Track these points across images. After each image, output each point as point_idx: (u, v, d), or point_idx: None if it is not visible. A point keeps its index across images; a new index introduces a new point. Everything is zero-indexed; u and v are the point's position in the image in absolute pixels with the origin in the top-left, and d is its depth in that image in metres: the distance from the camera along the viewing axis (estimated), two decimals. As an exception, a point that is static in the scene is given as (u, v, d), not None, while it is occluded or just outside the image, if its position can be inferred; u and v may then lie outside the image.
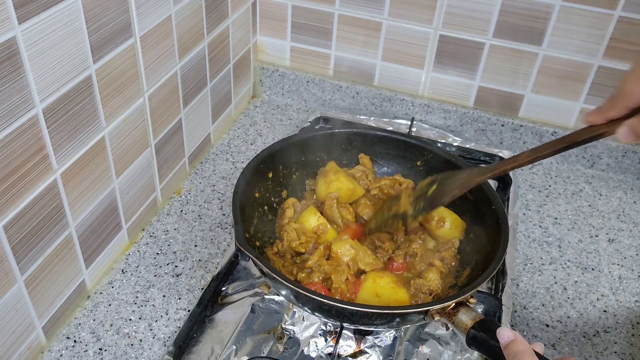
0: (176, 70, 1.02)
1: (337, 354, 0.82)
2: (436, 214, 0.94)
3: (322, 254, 0.86)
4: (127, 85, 0.88)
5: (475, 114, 1.28)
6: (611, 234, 1.09)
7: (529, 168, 1.25)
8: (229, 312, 0.88)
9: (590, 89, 1.19)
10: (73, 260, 0.85)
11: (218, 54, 1.16)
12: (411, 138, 1.03)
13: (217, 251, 1.00)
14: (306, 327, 0.85)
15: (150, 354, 0.83)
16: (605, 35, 1.12)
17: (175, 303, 0.91)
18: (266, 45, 1.36)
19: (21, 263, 0.74)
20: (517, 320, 0.92)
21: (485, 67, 1.23)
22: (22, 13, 0.65)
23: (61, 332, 0.85)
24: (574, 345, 0.89)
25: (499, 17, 1.16)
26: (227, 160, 1.21)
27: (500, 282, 0.95)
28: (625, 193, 1.20)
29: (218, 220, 1.06)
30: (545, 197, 1.17)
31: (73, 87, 0.76)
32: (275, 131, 1.31)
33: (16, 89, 0.67)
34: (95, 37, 0.78)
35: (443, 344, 0.84)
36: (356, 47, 1.30)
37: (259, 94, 1.42)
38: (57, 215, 0.79)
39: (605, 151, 1.23)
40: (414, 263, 0.89)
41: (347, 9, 1.25)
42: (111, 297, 0.91)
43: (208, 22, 1.08)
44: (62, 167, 0.78)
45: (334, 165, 1.01)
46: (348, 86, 1.34)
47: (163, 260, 0.97)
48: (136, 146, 0.95)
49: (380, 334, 0.84)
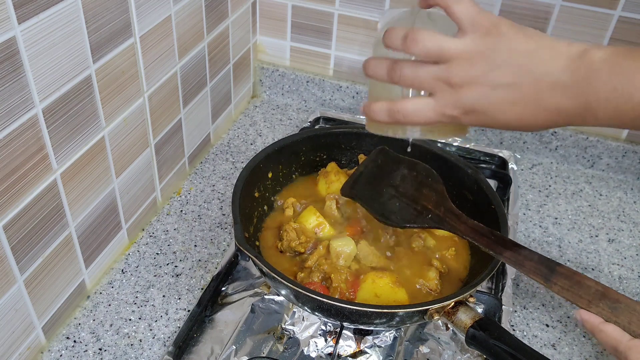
0: (176, 70, 1.02)
1: (337, 354, 0.82)
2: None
3: (321, 254, 0.86)
4: (127, 85, 0.88)
5: (475, 114, 1.27)
6: (611, 234, 1.09)
7: (529, 168, 1.25)
8: (228, 312, 0.88)
9: (590, 89, 1.19)
10: (73, 260, 0.85)
11: (218, 53, 1.16)
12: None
13: (217, 251, 1.00)
14: (306, 327, 0.85)
15: (150, 354, 0.83)
16: (605, 35, 1.12)
17: (175, 303, 0.91)
18: (266, 45, 1.37)
19: (21, 263, 0.74)
20: (517, 320, 0.92)
21: (485, 67, 1.22)
22: (22, 13, 0.65)
23: (61, 332, 0.85)
24: (574, 345, 0.89)
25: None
26: (227, 160, 1.21)
27: (500, 282, 0.95)
28: (625, 193, 1.20)
29: (218, 220, 1.06)
30: (545, 197, 1.17)
31: (73, 87, 0.76)
32: (275, 131, 1.31)
33: (16, 89, 0.67)
34: (95, 37, 0.78)
35: (443, 344, 0.84)
36: (356, 47, 1.30)
37: (259, 94, 1.42)
38: (56, 215, 0.79)
39: (605, 151, 1.23)
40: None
41: (347, 9, 1.25)
42: (111, 297, 0.91)
43: (208, 22, 1.08)
44: (62, 167, 0.78)
45: (335, 166, 1.01)
46: (348, 86, 1.34)
47: (163, 260, 0.97)
48: (136, 146, 0.95)
49: (380, 334, 0.84)
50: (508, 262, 0.74)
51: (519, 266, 0.73)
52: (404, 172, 0.90)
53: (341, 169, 1.01)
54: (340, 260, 0.86)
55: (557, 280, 0.71)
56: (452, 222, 0.81)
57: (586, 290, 0.69)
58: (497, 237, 0.77)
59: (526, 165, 1.26)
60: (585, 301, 0.68)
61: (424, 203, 0.85)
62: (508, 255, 0.74)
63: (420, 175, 0.89)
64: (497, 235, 0.77)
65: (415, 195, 0.87)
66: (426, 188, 0.87)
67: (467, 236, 0.79)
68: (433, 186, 0.87)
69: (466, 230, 0.79)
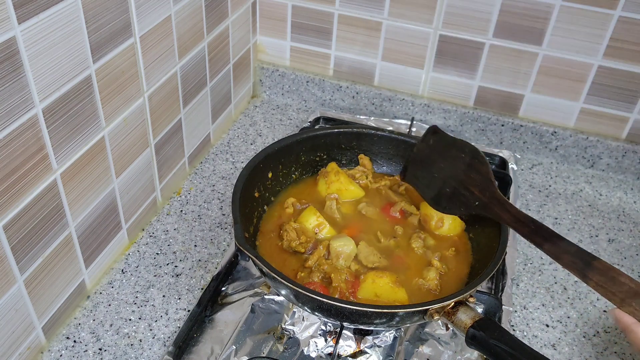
0: (176, 70, 1.02)
1: (337, 354, 0.82)
2: (436, 214, 0.94)
3: (321, 254, 0.86)
4: (127, 85, 0.88)
5: (475, 113, 1.28)
6: (611, 234, 1.09)
7: (529, 168, 1.25)
8: (228, 312, 0.88)
9: (590, 89, 1.19)
10: (73, 260, 0.85)
11: (218, 53, 1.16)
12: (411, 138, 1.03)
13: (217, 251, 1.00)
14: (306, 327, 0.85)
15: (150, 354, 0.83)
16: (605, 35, 1.12)
17: (175, 303, 0.91)
18: (266, 45, 1.37)
19: (21, 263, 0.74)
20: (517, 320, 0.92)
21: (485, 67, 1.23)
22: (22, 13, 0.65)
23: (61, 332, 0.85)
24: (574, 345, 0.89)
25: (499, 17, 1.16)
26: (227, 160, 1.21)
27: (500, 282, 0.95)
28: (625, 193, 1.20)
29: (218, 220, 1.06)
30: (545, 197, 1.17)
31: (73, 87, 0.76)
32: (275, 131, 1.31)
33: (16, 89, 0.67)
34: (95, 37, 0.78)
35: (443, 344, 0.84)
36: (356, 47, 1.30)
37: (259, 94, 1.42)
38: (56, 215, 0.79)
39: (605, 151, 1.23)
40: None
41: (347, 9, 1.25)
42: (111, 297, 0.91)
43: (208, 22, 1.08)
44: (61, 167, 0.78)
45: (335, 166, 1.01)
46: (348, 86, 1.34)
47: (163, 260, 0.97)
48: (136, 146, 0.95)
49: (380, 334, 0.84)
50: (547, 253, 0.75)
51: (557, 259, 0.74)
52: (453, 153, 0.92)
53: (341, 169, 1.01)
54: (340, 260, 0.86)
55: (592, 275, 0.71)
56: (495, 210, 0.83)
57: (620, 287, 0.69)
58: (537, 226, 0.78)
59: (526, 165, 1.26)
60: (618, 299, 0.69)
61: (471, 188, 0.87)
62: (547, 247, 0.75)
63: (467, 156, 0.90)
64: (537, 224, 0.78)
65: (463, 179, 0.89)
66: (473, 171, 0.88)
67: (509, 224, 0.80)
68: (479, 169, 0.88)
69: (509, 219, 0.81)
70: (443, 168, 0.92)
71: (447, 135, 0.95)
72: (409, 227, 0.94)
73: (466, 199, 0.87)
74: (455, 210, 0.90)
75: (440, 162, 0.93)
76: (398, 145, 1.03)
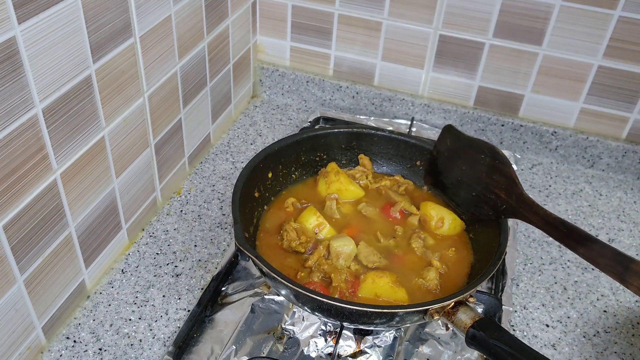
0: (176, 70, 1.02)
1: (337, 354, 0.82)
2: (436, 214, 0.94)
3: (321, 254, 0.86)
4: (127, 85, 0.88)
5: (475, 113, 1.28)
6: (611, 234, 1.09)
7: (529, 168, 1.25)
8: (228, 312, 0.88)
9: (590, 89, 1.19)
10: (73, 260, 0.85)
11: (218, 53, 1.16)
12: (411, 138, 1.03)
13: (217, 251, 1.00)
14: (306, 327, 0.85)
15: (150, 354, 0.83)
16: (605, 35, 1.12)
17: (175, 303, 0.91)
18: (266, 45, 1.37)
19: (21, 263, 0.74)
20: (517, 320, 0.92)
21: (485, 67, 1.23)
22: (22, 13, 0.65)
23: (61, 332, 0.85)
24: (574, 345, 0.89)
25: (499, 17, 1.16)
26: (227, 160, 1.21)
27: (500, 282, 0.95)
28: (625, 193, 1.20)
29: (218, 220, 1.06)
30: (545, 197, 1.17)
31: (73, 87, 0.76)
32: (275, 131, 1.31)
33: (16, 89, 0.67)
34: (95, 37, 0.78)
35: (443, 344, 0.84)
36: (356, 47, 1.30)
37: (259, 94, 1.42)
38: (56, 215, 0.79)
39: (605, 151, 1.23)
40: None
41: (347, 9, 1.25)
42: (111, 297, 0.91)
43: (208, 22, 1.08)
44: (61, 167, 0.78)
45: (335, 167, 1.01)
46: (348, 86, 1.34)
47: (163, 260, 0.97)
48: (136, 146, 0.95)
49: (380, 334, 0.84)
50: (582, 257, 0.73)
51: (594, 263, 0.71)
52: (472, 154, 0.89)
53: (341, 169, 1.01)
54: (340, 260, 0.86)
55: (632, 280, 0.69)
56: (525, 213, 0.80)
57: None
58: (569, 229, 0.75)
59: (526, 165, 1.26)
60: None
61: (496, 191, 0.85)
62: (582, 251, 0.73)
63: (487, 157, 0.87)
64: (569, 227, 0.75)
65: (488, 182, 0.86)
66: (496, 173, 0.86)
67: (540, 227, 0.78)
68: (502, 170, 0.85)
69: (538, 222, 0.78)
70: (465, 171, 0.90)
71: (462, 134, 0.93)
72: (408, 227, 0.94)
73: (493, 202, 0.85)
74: (484, 214, 0.88)
75: (461, 164, 0.91)
76: (398, 145, 1.03)
